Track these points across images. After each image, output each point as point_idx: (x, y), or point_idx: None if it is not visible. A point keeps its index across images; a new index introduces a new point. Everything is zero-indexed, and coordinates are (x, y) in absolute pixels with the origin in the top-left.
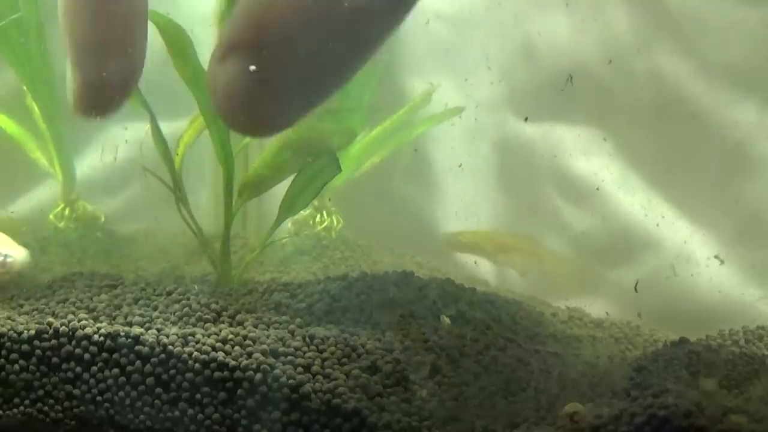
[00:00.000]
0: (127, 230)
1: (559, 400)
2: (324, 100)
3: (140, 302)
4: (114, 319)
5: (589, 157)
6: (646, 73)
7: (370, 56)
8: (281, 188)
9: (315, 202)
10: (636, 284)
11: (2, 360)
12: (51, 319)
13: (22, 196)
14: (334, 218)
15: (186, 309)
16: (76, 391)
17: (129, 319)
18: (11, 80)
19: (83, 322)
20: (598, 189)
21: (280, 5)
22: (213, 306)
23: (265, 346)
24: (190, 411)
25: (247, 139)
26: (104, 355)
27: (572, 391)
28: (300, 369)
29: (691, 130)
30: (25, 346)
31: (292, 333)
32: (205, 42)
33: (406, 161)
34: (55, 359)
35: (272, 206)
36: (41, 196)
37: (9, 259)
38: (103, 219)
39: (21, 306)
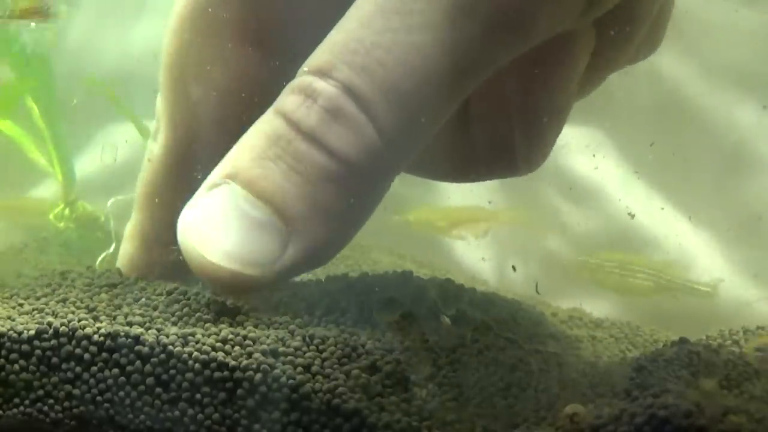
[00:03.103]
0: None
1: (559, 401)
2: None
3: (140, 302)
4: (114, 319)
5: (589, 157)
6: (646, 73)
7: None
8: None
9: None
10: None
11: (2, 360)
12: (51, 319)
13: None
14: None
15: (186, 309)
16: (76, 391)
17: (129, 319)
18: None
19: (83, 322)
20: (598, 189)
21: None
22: (213, 306)
23: (265, 346)
24: (190, 411)
25: None
26: (104, 355)
27: (572, 391)
28: (300, 369)
29: (691, 130)
30: (25, 346)
31: (292, 333)
32: None
33: None
34: (55, 359)
35: None
36: (41, 197)
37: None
38: (103, 219)
39: (21, 306)
